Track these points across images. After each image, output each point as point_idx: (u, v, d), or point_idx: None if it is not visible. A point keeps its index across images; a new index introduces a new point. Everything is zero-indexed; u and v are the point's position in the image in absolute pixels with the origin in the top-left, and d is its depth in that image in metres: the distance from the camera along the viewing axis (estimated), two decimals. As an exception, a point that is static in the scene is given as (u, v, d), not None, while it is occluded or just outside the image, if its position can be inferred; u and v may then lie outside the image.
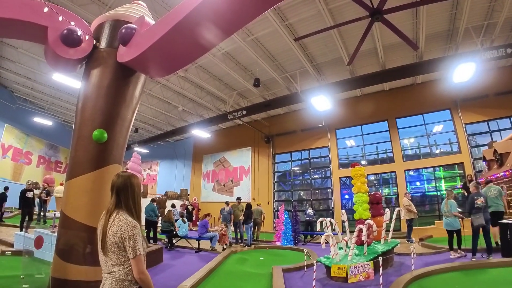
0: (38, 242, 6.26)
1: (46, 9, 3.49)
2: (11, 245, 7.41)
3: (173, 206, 12.17)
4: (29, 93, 16.85)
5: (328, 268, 5.99)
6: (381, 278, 5.15)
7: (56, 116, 19.85)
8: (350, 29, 9.80)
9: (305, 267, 6.82)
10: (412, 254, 6.08)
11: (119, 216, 1.93)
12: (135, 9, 4.35)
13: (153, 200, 11.67)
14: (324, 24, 9.43)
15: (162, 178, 25.03)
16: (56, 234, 3.76)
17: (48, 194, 12.04)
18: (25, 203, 9.64)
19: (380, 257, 5.48)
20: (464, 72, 9.45)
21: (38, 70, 13.35)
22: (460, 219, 7.30)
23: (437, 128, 14.53)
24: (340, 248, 6.71)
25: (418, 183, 15.59)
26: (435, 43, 11.18)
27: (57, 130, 20.26)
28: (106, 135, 3.77)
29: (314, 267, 5.33)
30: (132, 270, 1.85)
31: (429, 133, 14.48)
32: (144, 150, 23.03)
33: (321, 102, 12.42)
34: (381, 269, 5.22)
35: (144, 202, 16.44)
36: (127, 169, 10.49)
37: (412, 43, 8.04)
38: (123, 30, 3.72)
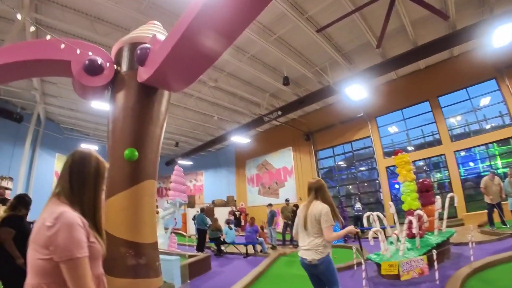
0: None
1: (62, 46, 3.74)
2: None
3: (202, 210, 12.26)
4: (74, 123, 18.43)
5: (379, 266, 5.70)
6: (436, 273, 4.77)
7: (101, 140, 21.26)
8: (373, 10, 9.28)
9: (355, 266, 6.55)
10: (470, 243, 5.53)
11: (317, 203, 3.14)
12: (150, 29, 4.51)
13: (202, 210, 12.00)
14: (344, 10, 9.01)
15: (208, 187, 25.73)
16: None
17: None
18: None
19: (433, 250, 5.09)
20: (504, 34, 8.44)
21: (79, 101, 14.41)
22: None
23: (484, 101, 13.18)
24: (391, 242, 6.38)
25: (471, 164, 14.24)
26: (467, 9, 10.15)
27: (103, 153, 21.14)
28: (136, 153, 3.90)
29: (363, 266, 5.09)
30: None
31: (476, 108, 13.23)
32: (188, 162, 23.89)
33: (356, 91, 12.03)
34: (435, 263, 4.81)
35: (191, 213, 17.04)
36: (170, 182, 10.91)
37: (441, 13, 7.43)
38: (138, 51, 3.86)
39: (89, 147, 18.06)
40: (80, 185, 1.49)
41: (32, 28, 5.21)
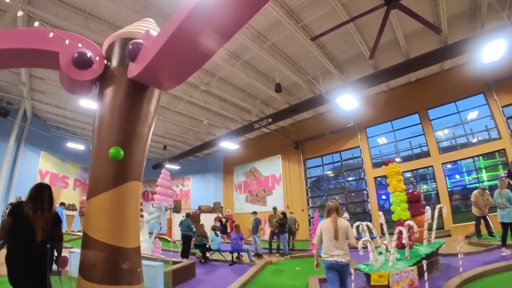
0: (63, 262, 6.39)
1: (51, 35, 3.58)
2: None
3: (187, 215, 11.85)
4: (61, 121, 17.97)
5: (368, 276, 5.59)
6: (426, 284, 4.72)
7: (88, 140, 20.73)
8: (367, 21, 9.42)
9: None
10: (459, 254, 5.53)
11: (341, 219, 4.29)
12: (143, 25, 4.38)
13: (187, 215, 11.75)
14: (340, 20, 9.07)
15: (195, 192, 25.41)
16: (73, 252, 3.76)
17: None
18: None
19: (424, 260, 5.04)
20: (494, 50, 8.64)
21: (67, 98, 14.12)
22: None
23: (472, 115, 13.48)
24: (380, 253, 6.30)
25: (457, 176, 14.47)
26: (459, 24, 10.43)
27: (89, 153, 21.14)
28: (122, 152, 3.71)
29: (352, 276, 4.99)
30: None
31: (464, 121, 13.48)
32: (175, 167, 23.56)
33: (347, 101, 12.08)
34: (426, 273, 4.76)
35: (177, 218, 16.71)
36: (157, 186, 10.68)
37: (434, 27, 7.56)
38: (130, 46, 3.72)
39: (76, 146, 17.78)
40: None
41: (20, 13, 4.99)
